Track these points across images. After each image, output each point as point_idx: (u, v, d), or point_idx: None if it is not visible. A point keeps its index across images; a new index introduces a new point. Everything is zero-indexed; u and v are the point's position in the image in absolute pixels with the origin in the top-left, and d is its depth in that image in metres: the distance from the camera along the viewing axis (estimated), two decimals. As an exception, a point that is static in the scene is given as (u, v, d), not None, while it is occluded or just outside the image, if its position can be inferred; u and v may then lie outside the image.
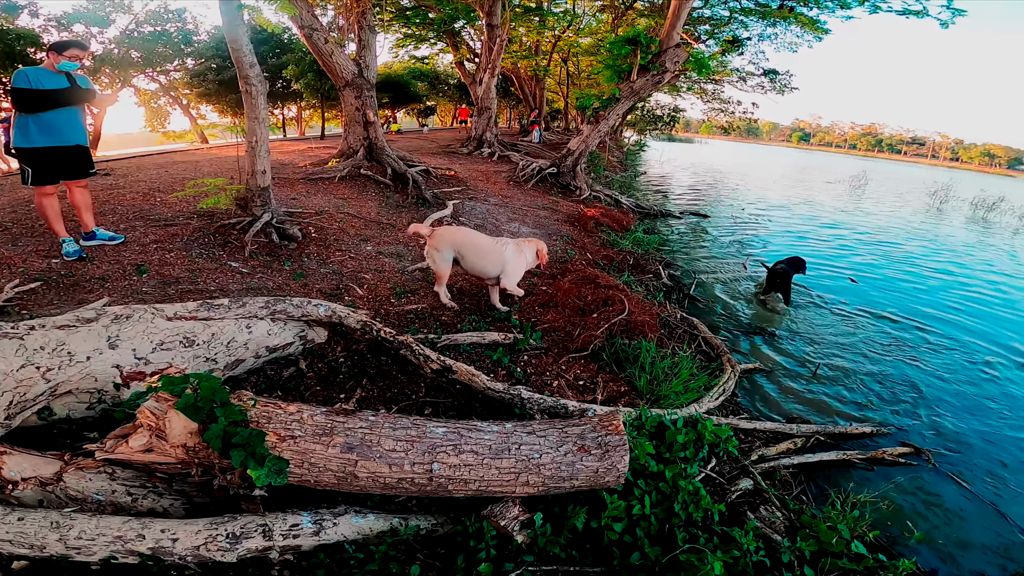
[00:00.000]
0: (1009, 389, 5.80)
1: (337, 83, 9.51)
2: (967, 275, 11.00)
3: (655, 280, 7.51)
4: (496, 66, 14.94)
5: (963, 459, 4.46)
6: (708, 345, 5.53)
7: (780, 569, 2.69)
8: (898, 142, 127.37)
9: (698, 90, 25.83)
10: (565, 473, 2.59)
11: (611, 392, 4.04)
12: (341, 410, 2.50)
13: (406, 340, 3.78)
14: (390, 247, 6.41)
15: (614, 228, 9.41)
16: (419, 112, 33.02)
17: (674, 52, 10.65)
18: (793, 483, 3.73)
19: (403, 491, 2.48)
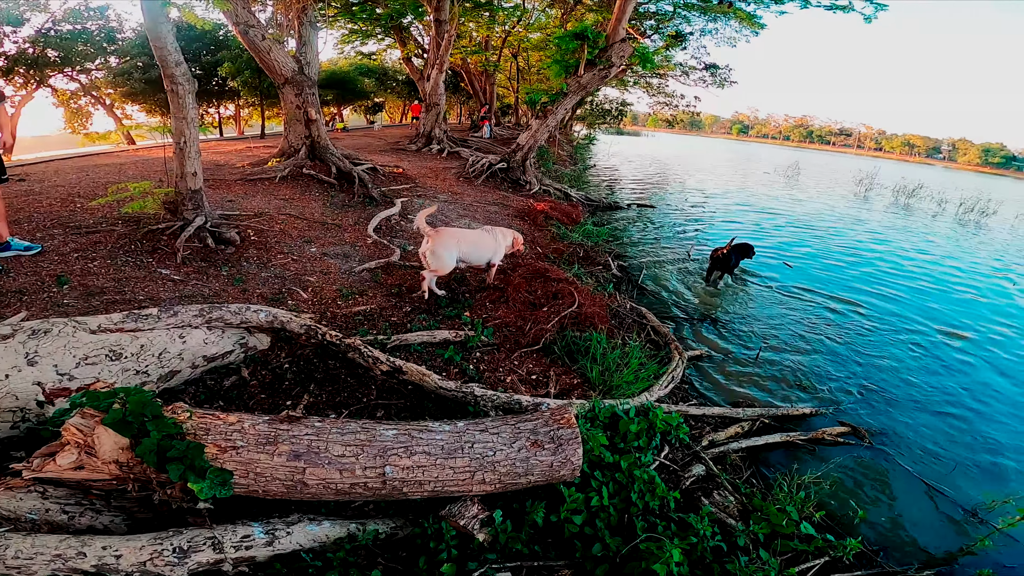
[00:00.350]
0: (935, 364, 6.25)
1: (276, 80, 9.15)
2: (892, 256, 11.89)
3: (605, 271, 7.65)
4: (444, 62, 14.79)
5: (898, 436, 4.68)
6: (657, 334, 5.66)
7: (736, 553, 2.78)
8: (827, 133, 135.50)
9: (644, 84, 26.54)
10: (520, 469, 2.62)
11: (564, 385, 4.09)
12: (285, 418, 2.44)
13: (353, 343, 3.70)
14: (336, 248, 6.24)
15: (564, 221, 9.53)
16: (366, 109, 32.23)
17: (620, 47, 10.88)
18: (743, 467, 3.86)
19: (357, 496, 2.44)
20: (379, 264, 5.80)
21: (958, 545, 3.57)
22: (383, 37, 22.32)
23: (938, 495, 4.01)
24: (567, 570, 2.56)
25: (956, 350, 6.74)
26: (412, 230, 7.42)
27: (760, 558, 2.79)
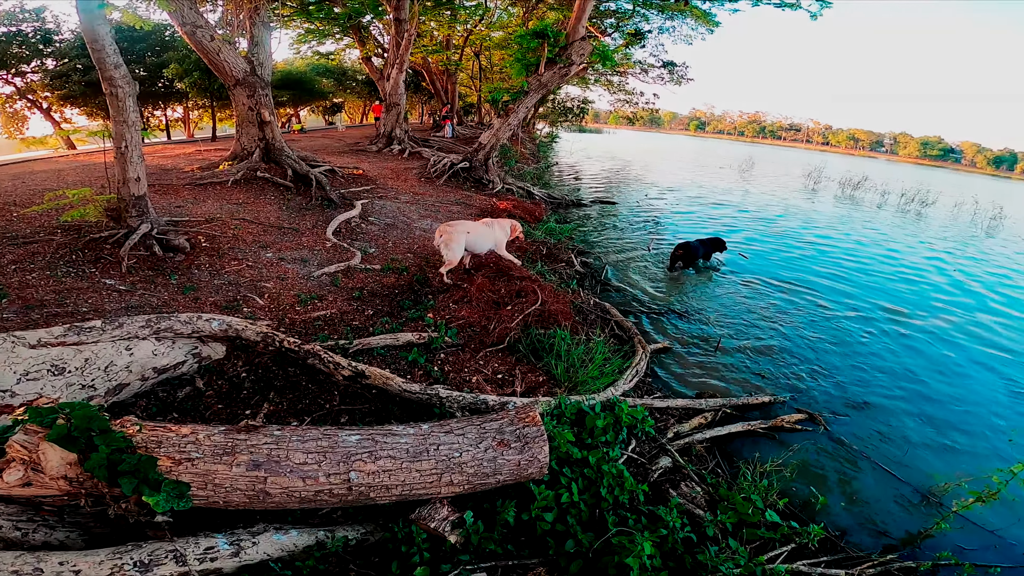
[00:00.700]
0: (881, 346, 6.58)
1: (227, 82, 8.84)
2: (841, 245, 12.50)
3: (568, 268, 7.70)
4: (404, 61, 14.61)
5: (851, 420, 4.83)
6: (620, 328, 5.73)
7: (706, 543, 2.82)
8: (778, 128, 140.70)
9: (605, 82, 26.82)
10: (488, 469, 2.62)
11: (530, 383, 4.11)
12: (243, 427, 2.39)
13: (313, 349, 3.64)
14: (293, 252, 6.09)
15: (527, 219, 9.58)
16: (325, 110, 31.50)
17: (580, 45, 10.99)
18: (708, 457, 3.93)
19: (323, 503, 2.41)
20: (339, 268, 5.71)
21: (917, 528, 3.64)
22: (341, 36, 21.83)
23: (891, 478, 4.11)
24: (542, 568, 2.57)
25: (900, 332, 7.13)
26: (373, 232, 7.34)
27: (730, 547, 2.85)
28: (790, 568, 2.82)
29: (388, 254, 6.55)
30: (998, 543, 3.61)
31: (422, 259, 6.54)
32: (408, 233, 7.60)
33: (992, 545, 3.59)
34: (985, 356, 6.62)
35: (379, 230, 7.52)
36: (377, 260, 6.25)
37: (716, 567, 2.64)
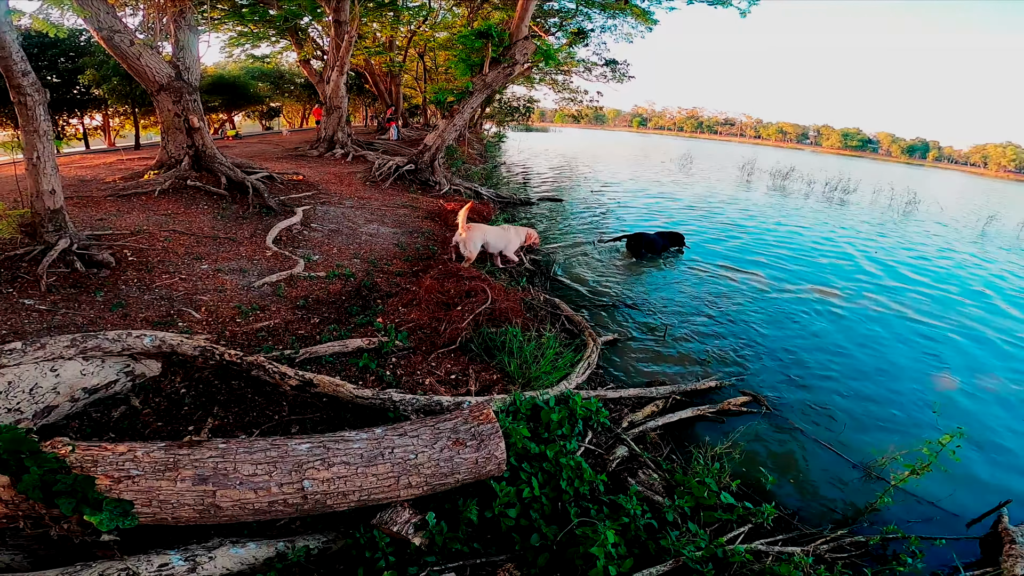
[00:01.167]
0: (818, 327, 7.00)
1: (149, 88, 8.38)
2: (775, 232, 13.30)
3: (518, 266, 7.79)
4: (345, 63, 14.27)
5: (792, 399, 5.05)
6: (571, 323, 5.83)
7: (667, 528, 2.90)
8: (715, 123, 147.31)
9: (550, 81, 27.06)
10: (446, 469, 2.64)
11: (484, 381, 4.14)
12: (184, 443, 2.35)
13: (257, 360, 3.55)
14: (231, 263, 5.86)
15: (475, 219, 9.60)
16: (262, 114, 30.27)
17: (523, 45, 11.09)
18: (662, 444, 4.03)
19: (279, 514, 2.38)
20: (281, 277, 5.54)
21: (862, 503, 3.76)
22: (278, 39, 21.03)
23: (835, 455, 4.30)
24: (510, 563, 2.59)
25: (832, 311, 7.67)
26: (316, 239, 7.16)
27: (690, 531, 2.92)
28: (749, 548, 2.89)
29: (333, 261, 6.42)
30: (939, 515, 3.78)
31: (369, 264, 6.45)
32: (354, 238, 7.46)
33: (933, 517, 3.75)
34: (908, 331, 7.18)
35: (323, 236, 7.34)
36: (322, 267, 6.11)
37: (679, 551, 2.71)
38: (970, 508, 3.83)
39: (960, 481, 4.07)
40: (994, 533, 3.55)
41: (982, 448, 4.61)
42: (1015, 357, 6.61)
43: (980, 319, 7.98)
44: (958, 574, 3.04)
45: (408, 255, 7.07)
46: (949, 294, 9.17)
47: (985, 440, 4.73)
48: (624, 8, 16.87)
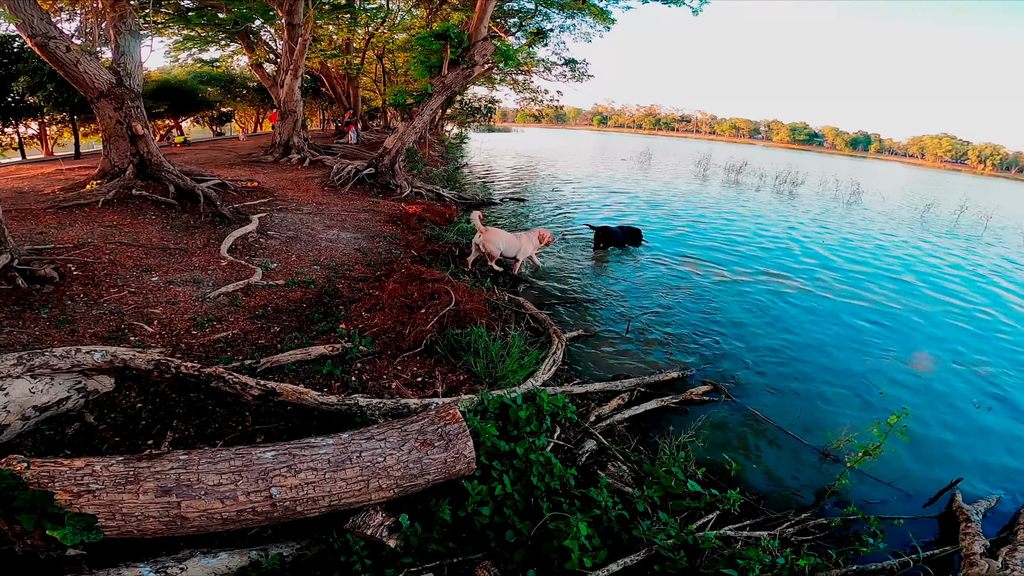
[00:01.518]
0: (772, 315, 7.28)
1: (89, 95, 8.00)
2: (730, 223, 13.81)
3: (482, 267, 7.83)
4: (300, 67, 13.93)
5: (750, 386, 5.18)
6: (536, 320, 5.87)
7: (638, 518, 2.96)
8: (672, 120, 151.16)
9: (511, 81, 27.16)
10: (415, 470, 2.66)
11: (451, 383, 4.16)
12: (144, 455, 2.32)
13: (215, 371, 3.48)
14: (183, 274, 5.68)
15: (438, 222, 9.60)
16: (212, 120, 29.22)
17: (482, 46, 11.07)
18: (629, 436, 4.09)
19: (249, 522, 2.36)
20: (238, 287, 5.40)
21: (822, 485, 3.84)
22: (227, 43, 20.32)
23: (793, 439, 4.37)
24: (487, 560, 2.61)
25: (783, 300, 8.01)
26: (273, 247, 7.01)
27: (660, 520, 2.98)
28: (718, 534, 2.95)
29: (292, 268, 6.30)
30: (895, 495, 3.87)
31: (330, 270, 6.36)
32: (313, 245, 7.34)
33: (890, 497, 3.85)
34: (855, 315, 7.56)
35: (280, 244, 7.19)
36: (280, 275, 5.99)
37: (651, 540, 2.76)
38: (923, 486, 3.98)
39: (911, 460, 4.21)
40: (949, 512, 3.68)
41: (928, 427, 4.80)
42: (951, 338, 7.05)
43: (923, 301, 8.52)
44: (917, 553, 3.11)
45: (370, 260, 7.01)
46: (894, 279, 9.74)
47: (931, 419, 4.93)
48: (582, 7, 17.14)
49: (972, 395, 5.48)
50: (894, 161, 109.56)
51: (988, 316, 8.08)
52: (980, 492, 3.95)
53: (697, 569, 2.69)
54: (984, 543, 3.22)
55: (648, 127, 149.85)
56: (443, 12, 19.30)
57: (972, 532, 3.32)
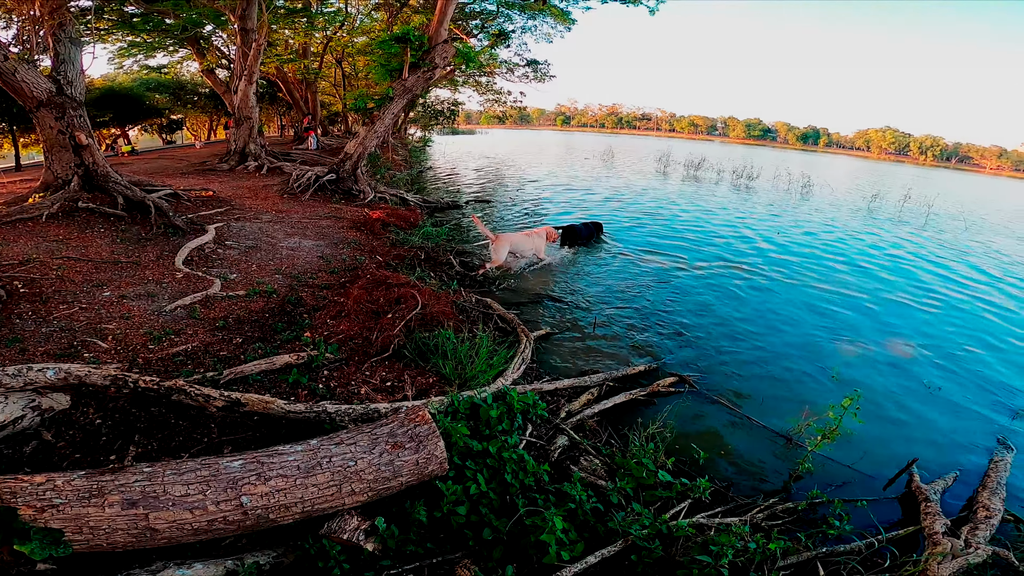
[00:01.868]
0: (735, 303, 7.54)
1: (27, 104, 7.64)
2: (691, 216, 14.29)
3: (448, 270, 7.85)
4: (254, 72, 13.58)
5: (714, 375, 5.29)
6: (503, 321, 5.92)
7: (612, 510, 3.00)
8: (633, 119, 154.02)
9: (473, 83, 27.11)
10: (388, 473, 2.67)
11: (421, 386, 4.18)
12: (106, 469, 2.30)
13: (175, 384, 3.41)
14: (137, 288, 5.50)
15: (402, 227, 9.56)
16: (161, 128, 28.10)
17: (443, 48, 11.03)
18: (600, 430, 4.15)
19: (221, 532, 2.35)
20: (196, 299, 5.28)
21: (787, 470, 3.91)
22: (176, 48, 19.58)
23: (757, 425, 4.48)
24: (466, 559, 2.62)
25: (741, 287, 8.34)
26: (232, 257, 6.86)
27: (634, 511, 3.01)
28: (691, 522, 2.99)
29: (253, 278, 6.18)
30: (856, 477, 3.98)
31: (293, 279, 6.27)
32: (274, 254, 7.20)
33: (852, 479, 3.94)
34: (811, 302, 7.90)
35: (239, 254, 7.03)
36: (241, 286, 5.87)
37: (626, 531, 2.81)
38: (883, 467, 4.09)
39: (869, 442, 4.32)
40: (909, 492, 3.79)
41: (882, 408, 4.98)
42: (901, 321, 7.42)
43: (873, 285, 9.01)
44: (881, 534, 3.19)
45: (334, 267, 6.94)
46: (845, 266, 10.26)
47: (885, 401, 5.13)
48: (543, 8, 17.32)
49: (922, 375, 5.72)
50: (842, 154, 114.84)
51: (934, 299, 8.56)
52: (936, 471, 4.08)
53: (673, 557, 2.73)
54: (945, 522, 3.30)
55: (611, 126, 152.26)
56: (404, 15, 19.15)
57: (932, 512, 3.40)
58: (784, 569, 2.83)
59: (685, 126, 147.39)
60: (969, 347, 6.70)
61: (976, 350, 6.60)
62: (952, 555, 2.87)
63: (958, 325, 7.44)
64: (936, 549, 2.94)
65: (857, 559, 2.93)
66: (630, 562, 2.72)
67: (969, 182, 52.93)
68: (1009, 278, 10.57)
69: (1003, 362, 6.30)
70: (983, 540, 3.11)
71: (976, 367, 6.09)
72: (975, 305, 8.45)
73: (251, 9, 12.95)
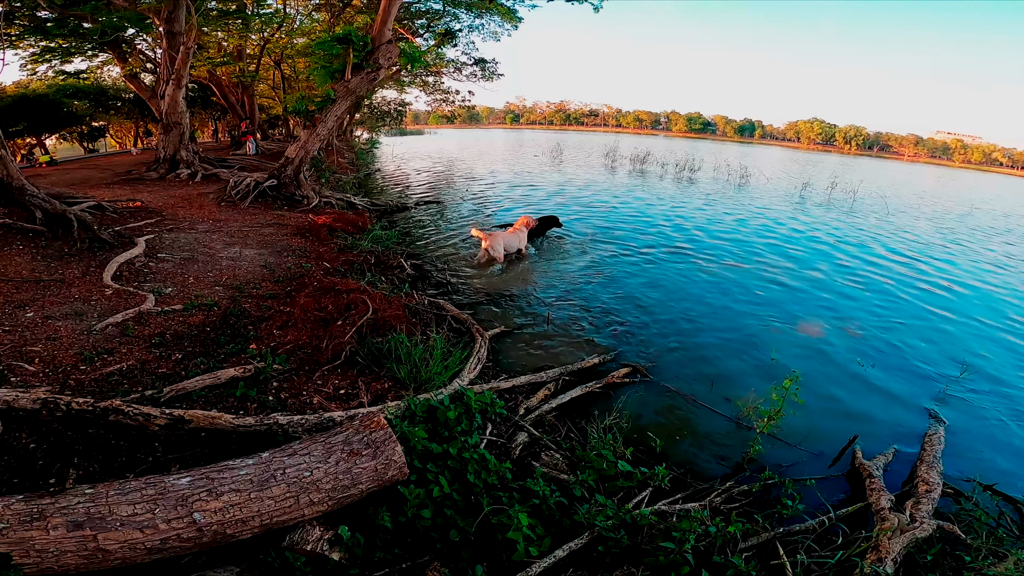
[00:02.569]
0: (682, 293, 7.82)
1: (-77, 113, 6.98)
2: (637, 209, 14.85)
3: (400, 273, 7.76)
4: (183, 76, 12.87)
5: (665, 363, 5.45)
6: (458, 321, 5.92)
7: (576, 503, 3.05)
8: (581, 115, 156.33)
9: (420, 83, 26.73)
10: (346, 481, 2.66)
11: (376, 391, 4.15)
12: (45, 492, 2.26)
13: (111, 405, 3.31)
14: (62, 307, 5.16)
15: (351, 231, 9.38)
16: (81, 136, 26.23)
17: (387, 48, 10.84)
18: (559, 425, 4.19)
19: (177, 550, 2.31)
20: (128, 316, 5.01)
21: (740, 453, 4.01)
22: (95, 53, 18.29)
23: (708, 410, 4.60)
24: (436, 562, 2.62)
25: (688, 275, 8.72)
26: (166, 270, 6.53)
27: (598, 502, 3.04)
28: (653, 510, 3.04)
29: (190, 291, 5.92)
30: (804, 456, 4.09)
31: (234, 290, 6.05)
32: (213, 265, 6.91)
33: (800, 459, 4.06)
34: (750, 288, 8.32)
35: (174, 266, 6.70)
36: (177, 300, 5.62)
37: (592, 523, 2.84)
38: (826, 445, 4.22)
39: (811, 422, 4.45)
40: (853, 469, 3.89)
41: (821, 387, 5.18)
42: (833, 302, 7.92)
43: (806, 269, 9.61)
44: (830, 512, 3.30)
45: (279, 276, 6.75)
46: (778, 251, 10.93)
47: (822, 380, 5.35)
48: (490, 7, 17.36)
49: (854, 354, 6.06)
50: (775, 145, 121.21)
51: (857, 281, 9.20)
52: (876, 447, 4.23)
53: (639, 545, 2.77)
54: (890, 497, 3.40)
55: (559, 123, 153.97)
56: (346, 15, 18.68)
57: (877, 488, 3.49)
58: (746, 551, 2.90)
59: (631, 121, 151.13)
60: (897, 323, 7.22)
61: (901, 327, 7.08)
62: (900, 530, 2.97)
63: (884, 305, 7.98)
64: (885, 525, 3.05)
65: (812, 538, 3.03)
66: (598, 553, 2.76)
67: (890, 169, 57.12)
68: (925, 258, 11.55)
69: (925, 340, 6.74)
70: (927, 514, 3.22)
71: (902, 345, 6.50)
72: (898, 286, 9.12)
73: (178, 11, 12.31)
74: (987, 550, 3.03)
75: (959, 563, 2.95)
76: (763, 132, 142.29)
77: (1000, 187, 48.64)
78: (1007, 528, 3.45)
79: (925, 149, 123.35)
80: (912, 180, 43.03)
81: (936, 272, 10.38)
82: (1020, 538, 3.35)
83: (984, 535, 3.17)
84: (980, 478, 3.87)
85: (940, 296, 8.77)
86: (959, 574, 2.84)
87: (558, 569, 2.67)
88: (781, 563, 2.82)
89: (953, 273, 10.44)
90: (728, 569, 2.58)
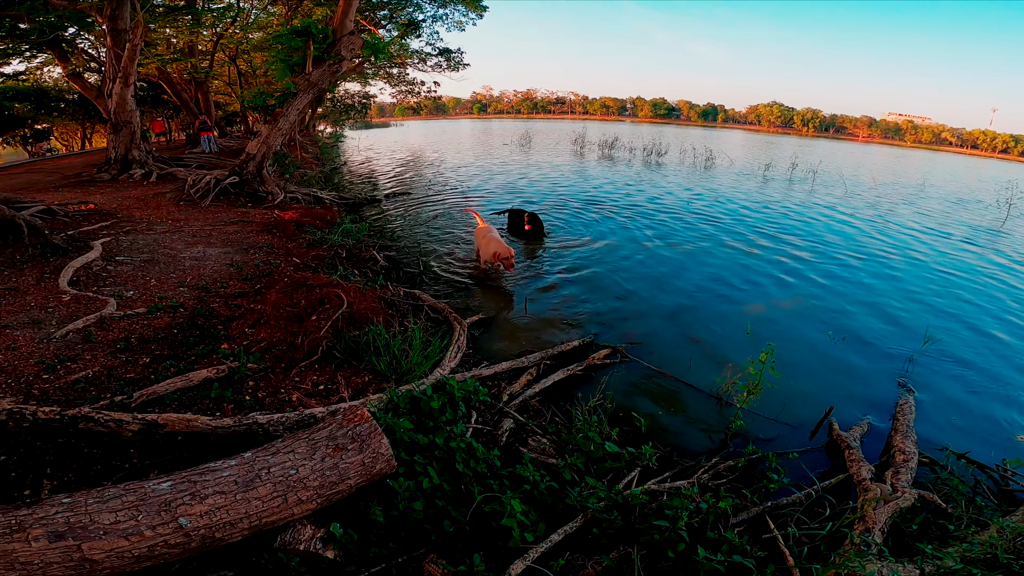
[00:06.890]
0: (657, 272, 7.96)
1: None
2: (607, 192, 15.03)
3: (373, 266, 7.67)
4: (131, 74, 12.27)
5: (645, 343, 5.48)
6: (435, 311, 5.91)
7: (567, 487, 3.05)
8: (548, 103, 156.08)
9: (384, 75, 26.18)
10: (334, 477, 2.61)
11: (357, 385, 4.10)
12: (21, 504, 2.18)
13: (80, 412, 3.20)
14: (17, 316, 4.92)
15: (319, 226, 9.19)
16: (24, 138, 24.82)
17: (349, 40, 10.58)
18: (544, 410, 4.19)
19: (167, 557, 2.24)
20: (88, 322, 4.81)
21: (722, 428, 4.05)
22: (33, 54, 17.28)
23: (689, 388, 4.64)
24: (432, 553, 2.58)
25: (661, 255, 8.91)
26: (126, 273, 6.28)
27: (589, 485, 3.04)
28: (644, 489, 3.06)
29: (153, 294, 5.71)
30: (784, 429, 4.15)
31: (200, 290, 5.87)
32: (175, 266, 6.68)
33: (780, 433, 4.11)
34: (720, 265, 8.53)
35: (134, 269, 6.44)
36: (140, 303, 5.42)
37: (584, 506, 2.85)
38: (805, 417, 4.29)
39: (788, 395, 4.50)
40: (832, 440, 3.93)
41: (796, 360, 5.24)
42: (802, 278, 8.13)
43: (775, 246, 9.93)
44: (815, 483, 3.36)
45: (247, 274, 6.57)
46: (747, 228, 11.25)
47: (796, 354, 5.44)
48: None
49: (826, 328, 6.21)
50: (737, 128, 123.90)
51: (830, 256, 9.51)
52: (851, 418, 4.31)
53: (632, 525, 2.78)
54: (870, 468, 3.44)
55: (526, 111, 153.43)
56: (304, 8, 18.10)
57: (856, 459, 3.55)
58: (737, 526, 2.92)
59: (597, 108, 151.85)
60: (862, 296, 7.46)
61: (867, 299, 7.32)
62: (884, 500, 3.02)
63: (849, 279, 8.21)
64: (868, 495, 3.09)
65: (800, 510, 3.07)
66: (592, 535, 2.78)
67: (845, 150, 58.96)
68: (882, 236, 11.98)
69: (894, 310, 6.98)
70: (907, 484, 3.28)
71: (869, 315, 6.71)
72: (865, 261, 9.44)
73: (122, 8, 11.72)
74: (968, 518, 3.09)
75: (944, 532, 3.00)
76: (725, 116, 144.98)
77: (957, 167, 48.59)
78: (984, 496, 3.52)
79: (878, 130, 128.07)
80: (866, 160, 44.51)
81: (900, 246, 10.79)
82: (998, 507, 3.41)
83: (964, 504, 3.23)
84: (951, 446, 3.94)
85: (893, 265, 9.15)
86: (945, 543, 2.86)
87: (555, 553, 2.67)
88: (773, 536, 2.84)
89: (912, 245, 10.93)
90: (723, 544, 2.59)
